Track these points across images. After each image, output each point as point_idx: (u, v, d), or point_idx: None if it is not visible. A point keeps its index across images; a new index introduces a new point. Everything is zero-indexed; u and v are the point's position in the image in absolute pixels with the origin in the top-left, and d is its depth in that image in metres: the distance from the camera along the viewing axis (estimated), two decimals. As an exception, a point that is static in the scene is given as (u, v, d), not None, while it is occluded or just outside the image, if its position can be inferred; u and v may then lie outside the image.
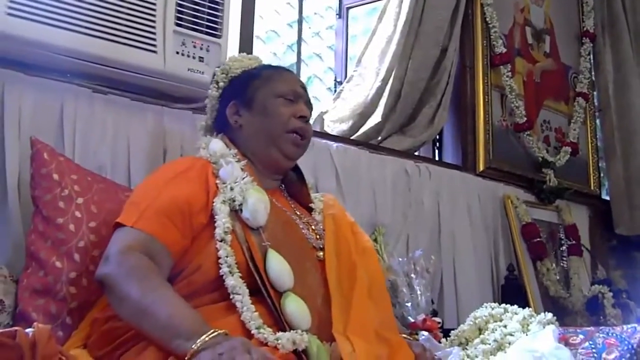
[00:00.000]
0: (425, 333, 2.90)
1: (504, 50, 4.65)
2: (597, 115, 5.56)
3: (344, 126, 3.95)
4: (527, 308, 2.77)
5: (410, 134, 4.17)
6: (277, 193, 2.37)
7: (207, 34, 2.90)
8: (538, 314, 2.70)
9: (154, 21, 2.76)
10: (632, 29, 5.67)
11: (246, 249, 2.01)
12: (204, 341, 1.65)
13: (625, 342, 2.33)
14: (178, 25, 2.83)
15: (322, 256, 2.18)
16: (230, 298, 1.91)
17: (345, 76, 4.27)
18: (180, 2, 2.83)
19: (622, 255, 5.36)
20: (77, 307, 2.20)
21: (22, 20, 2.45)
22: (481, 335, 2.72)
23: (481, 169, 4.44)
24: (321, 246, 2.21)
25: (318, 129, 3.90)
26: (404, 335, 2.30)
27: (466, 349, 2.70)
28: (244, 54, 2.57)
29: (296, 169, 2.48)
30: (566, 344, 2.44)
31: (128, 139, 2.81)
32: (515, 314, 2.74)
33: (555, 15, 5.30)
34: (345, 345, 1.90)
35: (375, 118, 3.99)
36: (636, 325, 2.39)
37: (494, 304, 2.87)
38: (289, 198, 2.41)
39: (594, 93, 5.57)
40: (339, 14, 4.44)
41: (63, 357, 1.56)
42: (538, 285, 4.36)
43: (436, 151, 4.60)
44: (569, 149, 5.00)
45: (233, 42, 3.32)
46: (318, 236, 2.26)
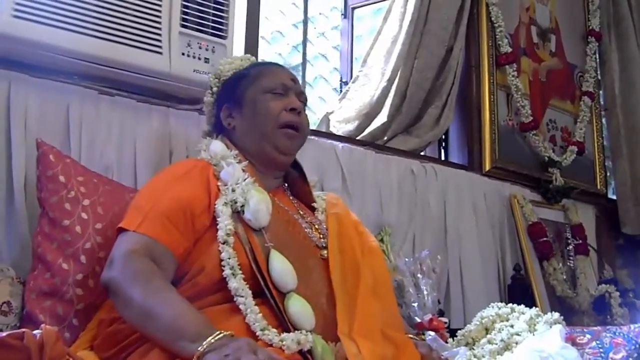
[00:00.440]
0: (431, 333, 2.89)
1: (510, 49, 4.64)
2: (603, 114, 5.53)
3: (350, 126, 3.95)
4: (534, 308, 2.76)
5: (416, 134, 4.16)
6: (280, 192, 2.37)
7: (213, 35, 2.91)
8: (545, 313, 2.70)
9: (159, 22, 2.76)
10: (638, 27, 5.65)
11: (249, 250, 2.01)
12: (210, 343, 1.65)
13: (633, 342, 2.33)
14: (183, 26, 2.83)
15: (326, 255, 2.17)
16: (234, 300, 1.91)
17: (351, 76, 4.27)
18: (185, 4, 2.83)
19: (629, 255, 5.35)
20: (84, 309, 2.20)
21: (28, 22, 2.46)
22: (488, 335, 2.71)
23: (487, 169, 4.43)
24: (324, 245, 2.20)
25: (324, 130, 3.91)
26: (410, 335, 2.30)
27: (473, 349, 2.69)
28: (235, 55, 2.57)
29: (298, 168, 2.47)
30: (573, 343, 2.44)
31: (134, 140, 2.81)
32: (522, 314, 2.73)
33: (560, 14, 5.28)
34: (351, 347, 1.89)
35: (381, 118, 3.99)
36: (643, 324, 2.39)
37: (501, 304, 2.87)
38: (292, 197, 2.41)
39: (600, 92, 5.55)
40: (344, 14, 4.44)
41: (70, 359, 1.56)
42: (545, 284, 4.35)
43: (442, 151, 4.60)
44: (575, 148, 4.98)
45: (238, 43, 3.32)
46: (321, 235, 2.25)
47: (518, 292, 4.10)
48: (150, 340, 1.81)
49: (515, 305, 2.82)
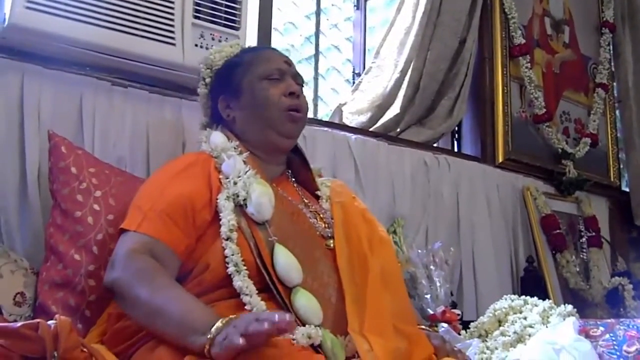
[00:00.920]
0: (444, 325, 2.90)
1: (523, 41, 4.62)
2: (617, 106, 5.51)
3: (363, 118, 3.94)
4: (547, 300, 2.76)
5: (429, 125, 4.16)
6: (284, 181, 2.33)
7: (226, 27, 2.91)
8: (558, 306, 2.69)
9: (172, 14, 2.76)
10: (653, 19, 5.63)
11: (253, 245, 1.99)
12: (217, 327, 1.64)
13: (647, 334, 2.33)
14: (196, 17, 2.84)
15: (332, 245, 2.14)
16: (236, 304, 1.89)
17: (364, 68, 4.26)
18: (198, -5, 2.84)
19: (643, 247, 5.34)
20: (96, 300, 2.21)
21: (41, 13, 2.47)
22: (501, 327, 2.71)
23: (500, 161, 4.42)
24: (330, 235, 2.17)
25: (337, 121, 3.90)
26: (422, 326, 2.27)
27: (486, 340, 2.69)
28: (223, 42, 2.55)
29: (299, 154, 2.43)
30: (586, 336, 2.43)
31: (147, 131, 2.82)
32: (535, 306, 2.73)
33: (574, 5, 5.26)
34: (363, 344, 1.87)
35: (394, 110, 3.98)
36: (657, 317, 2.38)
37: (514, 296, 2.87)
38: (296, 185, 2.37)
39: (614, 84, 5.52)
40: (357, 6, 4.42)
41: (85, 349, 1.56)
42: (558, 277, 4.34)
43: (455, 143, 4.59)
44: (588, 140, 4.96)
45: (251, 34, 3.32)
46: (326, 225, 2.22)
47: (531, 285, 4.10)
48: (160, 337, 1.80)
49: (528, 297, 2.82)
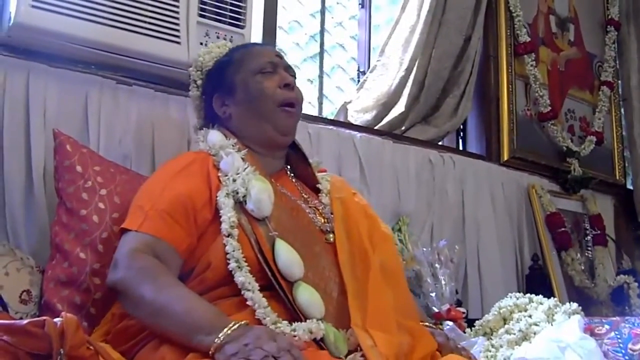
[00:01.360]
0: (449, 323, 2.90)
1: (528, 39, 4.62)
2: (622, 104, 5.50)
3: (368, 116, 3.94)
4: (552, 298, 2.76)
5: (434, 123, 4.16)
6: (283, 176, 2.33)
7: (231, 25, 2.91)
8: (563, 304, 2.69)
9: (177, 12, 2.77)
10: (658, 17, 5.62)
11: (254, 241, 1.99)
12: (227, 334, 1.65)
13: (652, 333, 2.33)
14: (201, 16, 2.84)
15: (331, 239, 2.14)
16: (238, 301, 1.89)
17: (369, 66, 4.25)
18: (203, -7, 2.84)
19: (648, 245, 5.33)
20: (101, 298, 2.21)
21: (46, 12, 2.47)
22: (506, 325, 2.71)
23: (505, 159, 4.42)
24: (329, 229, 2.17)
25: (342, 119, 3.90)
26: (427, 323, 2.26)
27: (491, 339, 2.69)
28: (212, 44, 2.55)
29: (297, 150, 2.43)
30: (592, 334, 2.43)
31: (152, 129, 2.82)
32: (540, 304, 2.73)
33: (579, 3, 5.25)
34: (366, 339, 1.87)
35: (399, 108, 3.98)
36: (663, 315, 2.38)
37: (519, 294, 2.87)
38: (295, 180, 2.37)
39: (619, 82, 5.51)
40: (362, 4, 4.42)
41: (91, 347, 1.57)
42: (563, 275, 4.34)
43: (460, 141, 4.58)
44: (593, 139, 4.95)
45: (256, 33, 3.32)
46: (325, 219, 2.21)
47: (536, 283, 4.09)
48: (164, 336, 1.80)
49: (533, 295, 2.82)
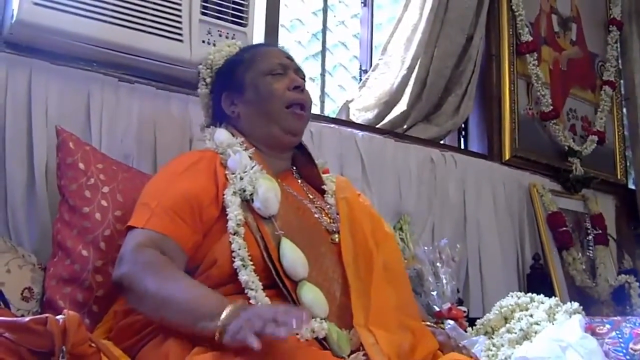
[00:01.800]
0: (451, 322, 2.90)
1: (530, 38, 4.62)
2: (624, 103, 5.49)
3: (370, 115, 3.94)
4: (553, 297, 2.76)
5: (435, 122, 4.16)
6: (289, 176, 2.34)
7: (233, 23, 2.91)
8: (564, 303, 2.69)
9: (180, 10, 2.77)
10: (660, 16, 5.61)
11: (260, 239, 1.99)
12: (226, 316, 1.65)
13: (653, 332, 2.33)
14: (204, 14, 2.84)
15: (337, 239, 2.14)
16: (245, 292, 1.89)
17: (371, 65, 4.25)
18: (205, -9, 2.84)
19: (649, 245, 5.33)
20: (104, 296, 2.22)
21: (49, 9, 2.48)
22: (507, 325, 2.71)
23: (507, 158, 4.42)
24: (335, 229, 2.17)
25: (344, 118, 3.90)
26: (428, 322, 2.27)
27: (492, 338, 2.69)
28: (222, 43, 2.55)
29: (304, 150, 2.44)
30: (593, 333, 2.43)
31: (154, 127, 2.82)
32: (541, 303, 2.73)
33: (581, 2, 5.25)
34: (368, 337, 1.88)
35: (401, 106, 3.98)
36: (664, 315, 2.38)
37: (520, 293, 2.87)
38: (300, 180, 2.37)
39: (621, 81, 5.50)
40: (364, 2, 4.42)
41: (93, 344, 1.57)
42: (564, 274, 4.34)
43: (462, 140, 4.58)
44: (595, 138, 4.95)
45: (258, 31, 3.32)
46: (331, 220, 2.22)
47: (537, 282, 4.09)
48: (169, 328, 1.80)
49: (534, 294, 2.82)
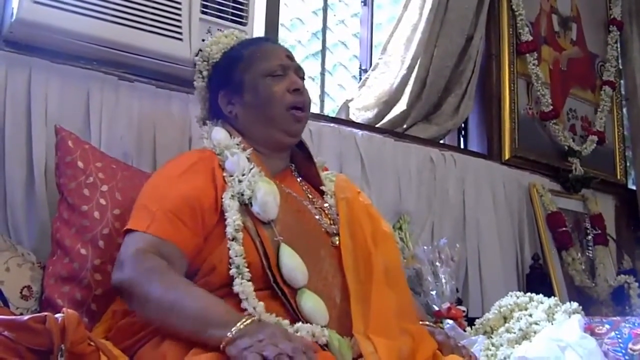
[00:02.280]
0: (450, 321, 2.89)
1: (530, 38, 4.62)
2: (624, 103, 5.49)
3: (369, 114, 3.94)
4: (553, 297, 2.75)
5: (435, 122, 4.16)
6: (288, 176, 2.32)
7: (233, 22, 2.91)
8: (563, 303, 2.69)
9: (179, 9, 2.77)
10: (660, 16, 5.61)
11: (259, 244, 1.97)
12: (239, 329, 1.64)
13: (652, 332, 2.32)
14: (204, 12, 2.84)
15: (337, 242, 2.12)
16: (241, 303, 1.86)
17: (371, 64, 4.25)
18: (205, -10, 2.84)
19: (649, 246, 5.33)
20: (102, 294, 2.21)
21: (49, 8, 2.48)
22: (506, 324, 2.71)
23: (507, 158, 4.42)
24: (335, 232, 2.15)
25: (343, 117, 3.90)
26: (426, 322, 2.25)
27: (491, 337, 2.69)
28: (218, 33, 2.51)
29: (303, 148, 2.41)
30: (592, 333, 2.43)
31: (153, 126, 2.82)
32: (540, 303, 2.72)
33: (582, 2, 5.24)
34: (367, 346, 1.85)
35: (401, 106, 3.98)
36: (663, 315, 2.38)
37: (519, 293, 2.86)
38: (300, 179, 2.35)
39: (621, 81, 5.50)
40: (364, 2, 4.42)
41: (92, 343, 1.57)
42: (563, 274, 4.34)
43: (461, 139, 4.59)
44: (595, 138, 4.95)
45: (258, 30, 3.32)
46: (332, 221, 2.20)
47: (536, 282, 4.09)
48: (173, 334, 1.78)
49: (533, 294, 2.81)
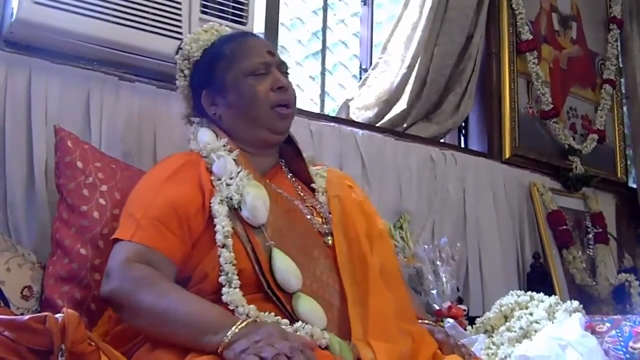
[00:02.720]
0: (450, 320, 2.89)
1: (530, 37, 4.61)
2: (624, 102, 5.49)
3: (370, 113, 3.94)
4: (553, 296, 2.76)
5: (435, 121, 4.16)
6: (278, 172, 2.28)
7: (233, 21, 2.91)
8: (564, 302, 2.69)
9: (179, 8, 2.77)
10: (661, 15, 5.60)
11: (250, 250, 1.93)
12: (234, 332, 1.63)
13: (653, 331, 2.33)
14: (204, 12, 2.84)
15: (330, 242, 2.09)
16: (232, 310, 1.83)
17: (371, 63, 4.25)
18: (205, -10, 2.84)
19: (649, 244, 5.33)
20: (102, 294, 2.21)
21: (49, 8, 2.47)
22: (507, 323, 2.71)
23: (507, 157, 4.42)
24: (327, 231, 2.12)
25: (343, 116, 3.90)
26: (426, 321, 2.23)
27: (492, 336, 2.70)
28: (198, 29, 2.42)
29: (292, 143, 2.36)
30: (592, 332, 2.43)
31: (154, 126, 2.82)
32: (541, 302, 2.73)
33: (581, 1, 5.24)
34: (367, 352, 1.83)
35: (401, 105, 3.98)
36: (663, 314, 2.38)
37: (520, 292, 2.87)
38: (290, 175, 2.31)
39: (621, 80, 5.50)
40: (364, 1, 4.41)
41: (92, 343, 1.56)
42: (564, 273, 4.34)
43: (462, 138, 4.58)
44: (595, 137, 4.94)
45: (258, 29, 3.31)
46: (324, 220, 2.16)
47: (537, 280, 4.09)
48: (167, 341, 1.75)
49: (534, 293, 2.82)
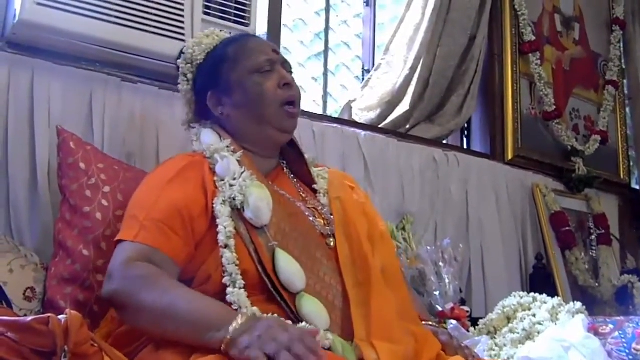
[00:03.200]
0: (453, 322, 2.89)
1: (533, 38, 4.61)
2: (627, 103, 5.49)
3: (372, 115, 3.94)
4: (556, 297, 2.75)
5: (438, 122, 4.15)
6: (280, 174, 2.28)
7: (235, 23, 2.91)
8: (567, 303, 2.69)
9: (182, 10, 2.77)
10: (664, 16, 5.61)
11: (253, 251, 1.93)
12: (235, 328, 1.62)
13: (656, 332, 2.32)
14: (206, 13, 2.84)
15: (332, 243, 2.09)
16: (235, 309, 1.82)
17: (373, 64, 4.25)
18: (208, -9, 2.84)
19: (652, 245, 5.32)
20: (105, 296, 2.21)
21: (51, 9, 2.48)
22: (510, 324, 2.71)
23: (510, 158, 4.42)
24: (329, 233, 2.11)
25: (346, 118, 3.90)
26: (430, 322, 2.24)
27: (494, 338, 2.69)
28: (199, 33, 2.44)
29: (293, 145, 2.36)
30: (596, 333, 2.43)
31: (156, 127, 2.82)
32: (544, 303, 2.72)
33: (584, 2, 5.24)
34: (370, 354, 1.82)
35: (404, 106, 3.98)
36: (666, 315, 2.37)
37: (523, 293, 2.86)
38: (292, 177, 2.31)
39: (624, 81, 5.50)
40: (367, 2, 4.41)
41: (95, 344, 1.56)
42: (567, 274, 4.33)
43: (464, 140, 4.59)
44: (598, 138, 4.94)
45: (261, 31, 3.32)
46: (326, 222, 2.15)
47: (540, 282, 4.08)
48: (170, 340, 1.75)
49: (537, 294, 2.81)
